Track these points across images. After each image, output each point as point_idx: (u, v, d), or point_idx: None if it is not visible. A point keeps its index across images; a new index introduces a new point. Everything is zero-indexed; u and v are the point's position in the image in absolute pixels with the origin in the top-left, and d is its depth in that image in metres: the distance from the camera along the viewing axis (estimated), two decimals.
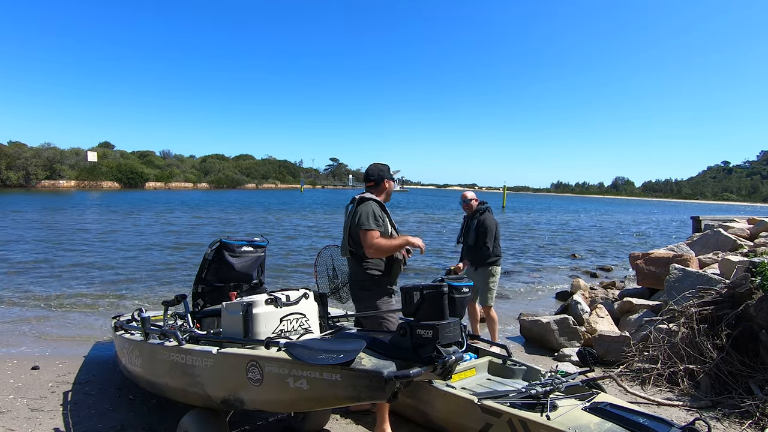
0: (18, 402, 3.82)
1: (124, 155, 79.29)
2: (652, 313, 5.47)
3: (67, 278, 9.29)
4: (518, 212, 43.47)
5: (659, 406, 3.85)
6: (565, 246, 18.57)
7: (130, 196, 45.78)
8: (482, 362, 3.67)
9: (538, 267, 13.10)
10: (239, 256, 3.60)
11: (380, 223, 3.28)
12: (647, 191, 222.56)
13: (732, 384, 3.90)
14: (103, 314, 6.83)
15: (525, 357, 5.19)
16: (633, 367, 4.53)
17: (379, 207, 3.39)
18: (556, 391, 3.02)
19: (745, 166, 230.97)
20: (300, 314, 2.92)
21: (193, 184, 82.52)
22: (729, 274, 5.30)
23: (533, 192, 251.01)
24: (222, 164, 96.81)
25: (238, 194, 63.68)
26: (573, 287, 8.68)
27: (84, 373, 4.53)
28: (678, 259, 6.42)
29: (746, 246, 7.79)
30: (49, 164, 61.14)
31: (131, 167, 71.91)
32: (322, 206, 41.88)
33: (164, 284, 9.14)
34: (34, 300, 7.55)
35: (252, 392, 2.36)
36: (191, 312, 3.16)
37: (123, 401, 3.88)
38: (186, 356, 2.74)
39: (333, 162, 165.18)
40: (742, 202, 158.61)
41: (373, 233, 3.21)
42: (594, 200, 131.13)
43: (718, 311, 4.40)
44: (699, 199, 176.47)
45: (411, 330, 2.09)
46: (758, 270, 4.27)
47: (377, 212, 3.31)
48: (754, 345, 4.05)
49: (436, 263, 12.64)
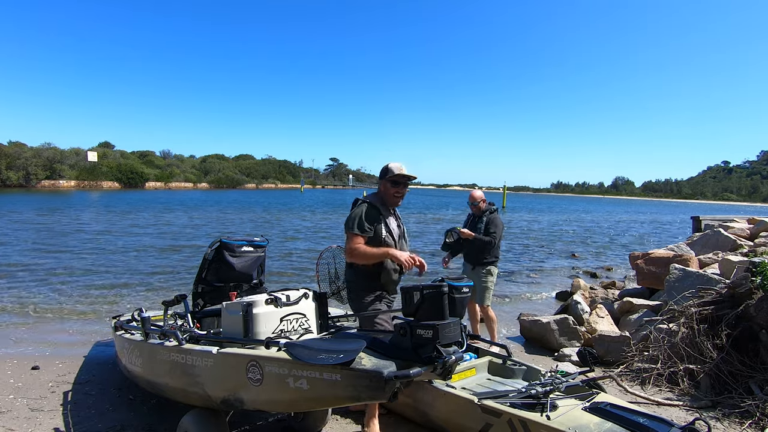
0: (18, 402, 3.82)
1: (124, 155, 79.34)
2: (652, 313, 5.47)
3: (67, 278, 9.28)
4: (518, 212, 43.46)
5: (659, 406, 3.85)
6: (565, 246, 18.57)
7: (129, 196, 45.78)
8: (482, 362, 3.67)
9: (538, 267, 13.10)
10: (239, 256, 3.60)
11: (365, 228, 3.13)
12: (647, 191, 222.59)
13: (732, 384, 3.90)
14: (103, 314, 6.82)
15: (525, 357, 5.19)
16: (633, 367, 4.53)
17: (374, 210, 3.21)
18: (556, 391, 3.02)
19: (745, 166, 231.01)
20: (300, 314, 2.92)
21: (193, 184, 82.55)
22: (729, 274, 5.30)
23: (533, 192, 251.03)
24: (222, 164, 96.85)
25: (238, 194, 63.68)
26: (573, 287, 8.68)
27: (84, 373, 4.53)
28: (678, 259, 6.42)
29: (746, 246, 7.79)
30: (49, 164, 61.15)
31: (131, 167, 71.95)
32: (323, 206, 41.88)
33: (164, 284, 9.14)
34: (34, 300, 7.55)
35: (252, 392, 2.36)
36: (191, 312, 3.15)
37: (123, 401, 3.88)
38: (186, 356, 2.73)
39: (333, 162, 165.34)
40: (742, 202, 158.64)
41: (355, 238, 3.12)
42: (594, 200, 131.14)
43: (718, 311, 4.40)
44: (699, 199, 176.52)
45: (411, 330, 2.09)
46: (758, 270, 4.27)
47: (366, 216, 3.16)
48: (754, 345, 4.05)
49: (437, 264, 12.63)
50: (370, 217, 3.18)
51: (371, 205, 3.23)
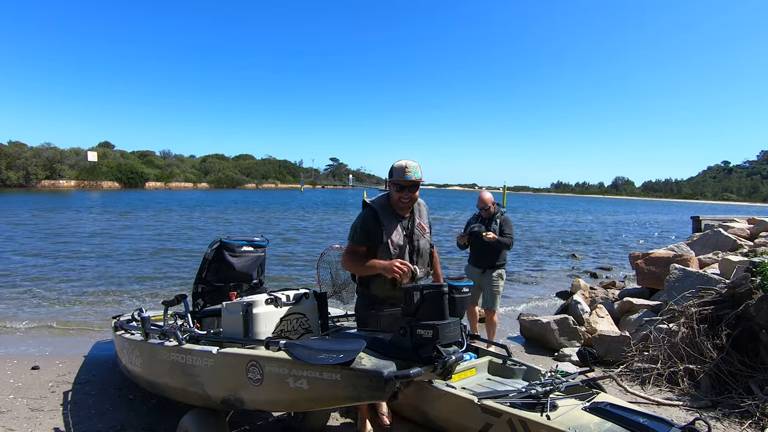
0: (18, 402, 3.82)
1: (124, 155, 79.37)
2: (652, 313, 5.47)
3: (67, 278, 9.28)
4: (519, 212, 43.45)
5: (659, 406, 3.85)
6: (565, 246, 18.57)
7: (129, 196, 45.79)
8: (482, 362, 3.67)
9: (538, 267, 13.11)
10: (239, 255, 3.60)
11: (358, 238, 2.94)
12: (647, 191, 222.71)
13: (732, 384, 3.90)
14: (103, 314, 6.82)
15: (525, 357, 5.19)
16: (633, 367, 4.53)
17: (373, 217, 2.94)
18: (556, 391, 3.02)
19: (745, 166, 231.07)
20: (300, 314, 2.92)
21: (193, 184, 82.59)
22: (729, 274, 5.30)
23: (533, 192, 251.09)
24: (222, 164, 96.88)
25: (238, 194, 63.70)
26: (573, 287, 8.68)
27: (84, 373, 4.53)
28: (678, 259, 6.42)
29: (746, 246, 7.79)
30: (49, 164, 61.18)
31: (131, 167, 71.98)
32: (323, 206, 41.88)
33: (164, 284, 9.14)
34: (34, 300, 7.55)
35: (252, 392, 2.36)
36: (191, 312, 3.16)
37: (123, 401, 3.88)
38: (186, 356, 2.73)
39: (333, 162, 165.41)
40: (742, 202, 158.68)
41: (349, 246, 3.00)
42: (594, 200, 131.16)
43: (718, 311, 4.40)
44: (699, 199, 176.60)
45: (411, 330, 2.09)
46: (758, 270, 4.27)
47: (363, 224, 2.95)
48: (754, 345, 4.05)
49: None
50: (367, 225, 2.94)
51: (372, 211, 2.97)
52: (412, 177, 2.87)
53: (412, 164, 2.91)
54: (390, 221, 2.95)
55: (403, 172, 2.88)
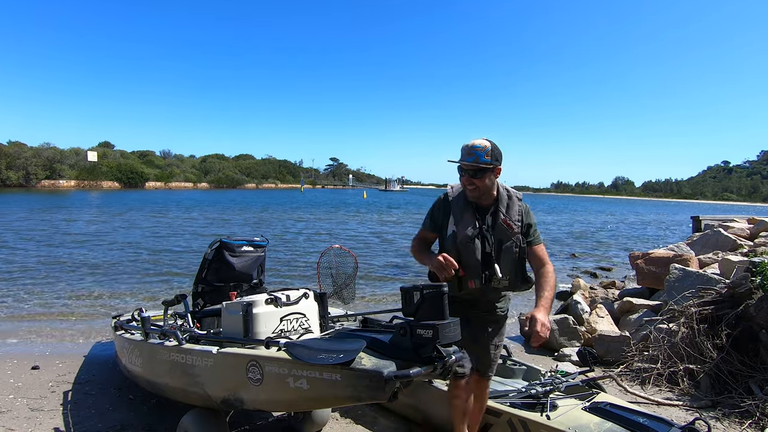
0: (18, 402, 3.82)
1: (124, 155, 79.42)
2: (652, 312, 5.47)
3: (67, 278, 9.28)
4: None
5: (659, 405, 3.85)
6: (565, 246, 18.56)
7: (129, 196, 45.78)
8: None
9: None
10: (239, 255, 3.60)
11: (426, 222, 2.76)
12: (647, 191, 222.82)
13: (732, 384, 3.90)
14: (103, 314, 6.82)
15: (525, 357, 5.19)
16: (633, 366, 4.53)
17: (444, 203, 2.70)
18: (556, 391, 3.02)
19: (745, 165, 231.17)
20: (300, 314, 2.92)
21: (193, 183, 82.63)
22: (729, 274, 5.30)
23: (533, 192, 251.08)
24: (222, 164, 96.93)
25: (237, 194, 63.70)
26: (573, 287, 8.67)
27: (84, 373, 4.53)
28: (678, 258, 6.42)
29: (746, 246, 7.80)
30: (49, 164, 61.23)
31: (131, 167, 72.02)
32: (323, 206, 41.87)
33: (164, 284, 9.14)
34: (33, 300, 7.55)
35: (252, 392, 2.36)
36: (191, 312, 3.15)
37: (123, 401, 3.88)
38: (186, 356, 2.73)
39: (333, 162, 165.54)
40: (742, 202, 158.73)
41: (419, 231, 2.80)
42: (594, 200, 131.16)
43: (718, 311, 4.40)
44: (699, 198, 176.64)
45: (411, 330, 2.09)
46: (758, 270, 4.27)
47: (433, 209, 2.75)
48: (754, 345, 4.05)
49: None
50: (435, 210, 2.73)
51: (444, 196, 2.74)
52: (473, 159, 2.46)
53: (478, 144, 2.49)
54: (462, 210, 2.61)
55: (464, 153, 2.51)
